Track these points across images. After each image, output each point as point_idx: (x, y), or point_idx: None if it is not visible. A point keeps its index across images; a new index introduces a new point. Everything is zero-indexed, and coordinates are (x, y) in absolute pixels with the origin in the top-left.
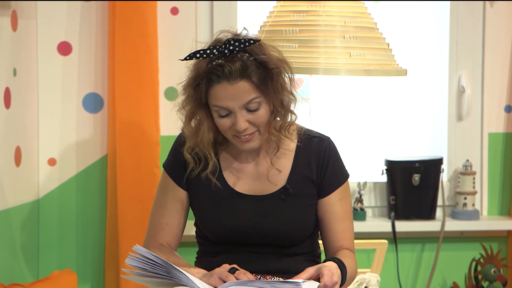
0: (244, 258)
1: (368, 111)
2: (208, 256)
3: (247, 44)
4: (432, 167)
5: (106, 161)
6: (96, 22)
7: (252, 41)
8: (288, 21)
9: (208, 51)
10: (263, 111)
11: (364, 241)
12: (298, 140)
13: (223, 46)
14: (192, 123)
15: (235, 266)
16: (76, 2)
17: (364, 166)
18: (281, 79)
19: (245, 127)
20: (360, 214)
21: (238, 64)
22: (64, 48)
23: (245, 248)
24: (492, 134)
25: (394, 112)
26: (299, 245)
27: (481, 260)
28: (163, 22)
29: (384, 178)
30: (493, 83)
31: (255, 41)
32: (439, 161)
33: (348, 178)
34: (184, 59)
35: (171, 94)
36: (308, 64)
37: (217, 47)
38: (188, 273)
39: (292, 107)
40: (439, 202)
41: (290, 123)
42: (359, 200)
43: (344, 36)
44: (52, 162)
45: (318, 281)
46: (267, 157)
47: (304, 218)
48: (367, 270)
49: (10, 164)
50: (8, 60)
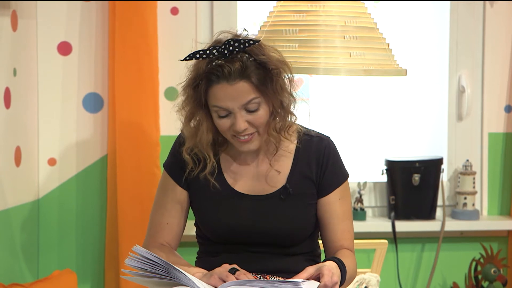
0: (244, 258)
1: (368, 111)
2: (209, 256)
3: (246, 44)
4: (432, 167)
5: (106, 161)
6: (96, 22)
7: (251, 42)
8: (288, 21)
9: (208, 52)
10: (263, 112)
11: (364, 241)
12: (297, 142)
13: (222, 47)
14: (192, 124)
15: (235, 266)
16: (76, 2)
17: (364, 166)
18: (281, 80)
19: (245, 128)
20: (360, 214)
21: (238, 65)
22: (64, 48)
23: (245, 247)
24: (492, 134)
25: (394, 112)
26: (299, 245)
27: (481, 260)
28: (163, 22)
29: (384, 178)
30: (493, 83)
31: (255, 42)
32: (439, 161)
33: (348, 178)
34: (184, 59)
35: (171, 94)
36: (308, 64)
37: (217, 48)
38: (188, 273)
39: (292, 108)
40: (439, 202)
41: (290, 124)
42: (359, 200)
43: (344, 36)
44: (52, 162)
45: (318, 281)
46: (267, 158)
47: (304, 218)
48: (367, 270)
49: (10, 164)
50: (8, 60)
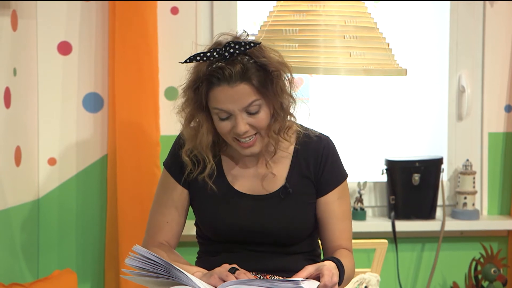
0: (244, 257)
1: (368, 111)
2: (209, 256)
3: (247, 47)
4: (432, 167)
5: (106, 161)
6: (96, 22)
7: (252, 44)
8: (288, 20)
9: (208, 54)
10: (264, 114)
11: (364, 240)
12: (296, 142)
13: (223, 49)
14: (192, 126)
15: (235, 266)
16: (76, 2)
17: (364, 166)
18: (281, 81)
19: (245, 130)
20: (360, 214)
21: (239, 67)
22: (64, 48)
23: (245, 247)
24: (492, 134)
25: (394, 112)
26: (299, 244)
27: (481, 259)
28: (163, 22)
29: (384, 178)
30: (493, 83)
31: (256, 44)
32: (439, 161)
33: (347, 178)
34: (184, 62)
35: (171, 94)
36: (308, 63)
37: (217, 50)
38: (188, 273)
39: (292, 110)
40: (439, 201)
41: (289, 125)
42: (359, 199)
43: (344, 36)
44: (52, 161)
45: (317, 280)
46: (266, 158)
47: (303, 217)
48: (367, 269)
49: (10, 164)
50: (8, 60)
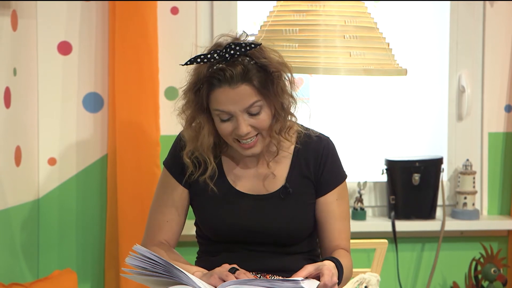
0: (244, 257)
1: (368, 111)
2: (208, 256)
3: (248, 48)
4: (432, 167)
5: (106, 161)
6: (96, 21)
7: (253, 45)
8: (288, 20)
9: (209, 56)
10: (265, 115)
11: (364, 240)
12: (297, 142)
13: (223, 51)
14: (192, 127)
15: (235, 266)
16: (76, 2)
17: (364, 166)
18: (282, 82)
19: (247, 131)
20: (360, 214)
21: (239, 68)
22: (64, 48)
23: (245, 246)
24: (492, 134)
25: (394, 112)
26: (298, 244)
27: (481, 259)
28: (163, 22)
29: (384, 178)
30: (493, 83)
31: (256, 45)
32: (439, 161)
33: (346, 179)
34: (185, 64)
35: (171, 93)
36: (308, 63)
37: (218, 52)
38: (188, 273)
39: (293, 110)
40: (439, 201)
41: (290, 125)
42: (359, 199)
43: (344, 36)
44: (52, 161)
45: (317, 280)
46: (267, 158)
47: (303, 217)
48: (367, 269)
49: (10, 164)
50: (8, 60)
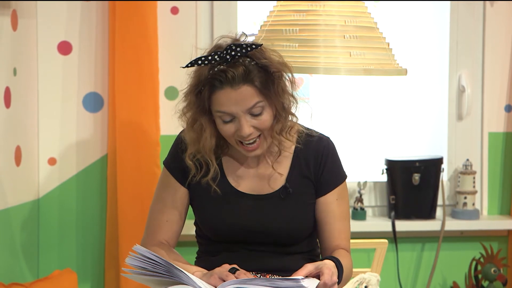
0: (244, 257)
1: (368, 111)
2: (208, 256)
3: (249, 49)
4: (432, 167)
5: (106, 161)
6: (96, 21)
7: (254, 46)
8: (288, 20)
9: (210, 58)
10: (267, 115)
11: (364, 240)
12: (297, 142)
13: (224, 52)
14: (194, 130)
15: (235, 266)
16: (76, 2)
17: (364, 166)
18: (282, 82)
19: (250, 132)
20: (360, 214)
21: (241, 69)
22: (64, 48)
23: (245, 246)
24: (492, 134)
25: (394, 112)
26: (298, 244)
27: (481, 259)
28: (163, 22)
29: (384, 178)
30: (493, 83)
31: (257, 46)
32: (439, 161)
33: (346, 179)
34: (186, 66)
35: (171, 93)
36: (308, 63)
37: (219, 53)
38: (188, 272)
39: (293, 110)
40: (439, 201)
41: (291, 125)
42: (359, 199)
43: (344, 36)
44: (52, 161)
45: (317, 279)
46: (268, 159)
47: (303, 217)
48: (367, 269)
49: (10, 164)
50: (8, 60)
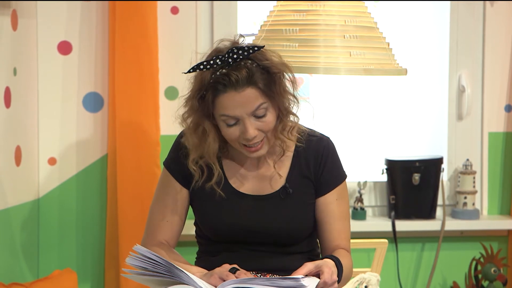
0: (244, 257)
1: (368, 111)
2: (208, 256)
3: (251, 51)
4: (432, 167)
5: (106, 161)
6: (96, 21)
7: (256, 48)
8: (288, 20)
9: (212, 62)
10: (271, 117)
11: (364, 240)
12: (299, 141)
13: (226, 56)
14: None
15: (235, 266)
16: (76, 2)
17: (364, 166)
18: (284, 82)
19: (255, 135)
20: (360, 214)
21: (244, 72)
22: (64, 48)
23: (245, 246)
24: (492, 134)
25: (394, 112)
26: (298, 244)
27: (481, 259)
28: (163, 22)
29: (384, 178)
30: (493, 83)
31: (259, 48)
32: (439, 161)
33: (346, 179)
34: (188, 71)
35: (171, 93)
36: (308, 63)
37: (220, 57)
38: (188, 272)
39: (295, 110)
40: (439, 201)
41: (293, 125)
42: (359, 199)
43: (344, 36)
44: (52, 161)
45: (317, 278)
46: (268, 159)
47: (303, 218)
48: (367, 269)
49: (10, 164)
50: (8, 60)
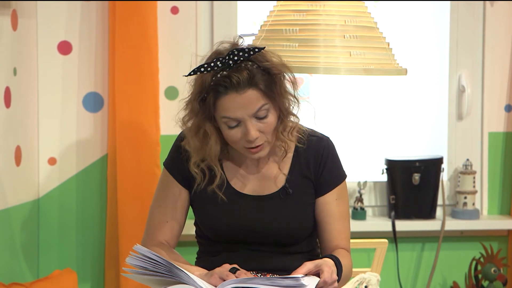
0: (244, 257)
1: (368, 111)
2: (209, 256)
3: (251, 53)
4: (432, 167)
5: (106, 161)
6: (96, 21)
7: (256, 50)
8: (288, 20)
9: (212, 64)
10: (272, 118)
11: (364, 240)
12: (299, 142)
13: (227, 58)
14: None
15: (235, 266)
16: (76, 2)
17: (364, 166)
18: (284, 83)
19: (256, 136)
20: (360, 214)
21: (245, 73)
22: (64, 48)
23: (245, 246)
24: (492, 134)
25: (394, 112)
26: (298, 244)
27: (481, 259)
28: (163, 22)
29: (384, 178)
30: (493, 83)
31: (260, 49)
32: (439, 161)
33: (346, 179)
34: (189, 74)
35: (171, 93)
36: (308, 63)
37: (220, 59)
38: (189, 272)
39: (295, 110)
40: (439, 201)
41: (293, 126)
42: (359, 199)
43: (344, 36)
44: (52, 161)
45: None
46: (268, 159)
47: (303, 218)
48: (367, 269)
49: (10, 164)
50: (8, 60)
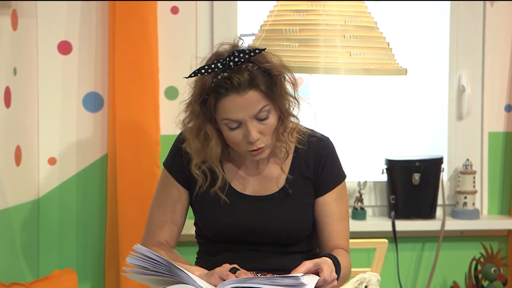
0: (244, 257)
1: (368, 111)
2: (209, 256)
3: (252, 54)
4: (432, 167)
5: (106, 161)
6: (96, 21)
7: (257, 51)
8: (288, 20)
9: (213, 66)
10: (273, 119)
11: (364, 240)
12: (299, 142)
13: (227, 59)
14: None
15: (235, 266)
16: (76, 2)
17: (364, 165)
18: (284, 84)
19: (258, 138)
20: (360, 214)
21: (246, 75)
22: (64, 48)
23: (245, 246)
24: (492, 134)
25: (394, 112)
26: (298, 244)
27: (481, 259)
28: (163, 22)
29: (384, 177)
30: (493, 83)
31: (260, 51)
32: (439, 161)
33: (345, 179)
34: (189, 76)
35: (171, 93)
36: (308, 63)
37: (221, 61)
38: (189, 272)
39: (296, 111)
40: (439, 201)
41: (294, 127)
42: (359, 199)
43: (344, 36)
44: (52, 161)
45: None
46: (268, 160)
47: (303, 218)
48: (367, 269)
49: (10, 164)
50: (8, 59)
